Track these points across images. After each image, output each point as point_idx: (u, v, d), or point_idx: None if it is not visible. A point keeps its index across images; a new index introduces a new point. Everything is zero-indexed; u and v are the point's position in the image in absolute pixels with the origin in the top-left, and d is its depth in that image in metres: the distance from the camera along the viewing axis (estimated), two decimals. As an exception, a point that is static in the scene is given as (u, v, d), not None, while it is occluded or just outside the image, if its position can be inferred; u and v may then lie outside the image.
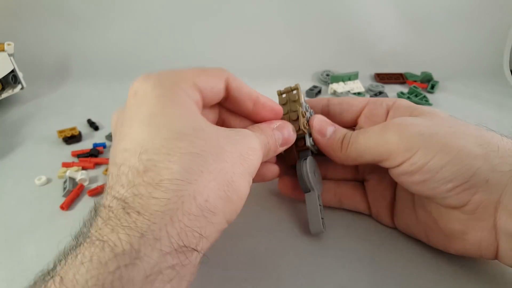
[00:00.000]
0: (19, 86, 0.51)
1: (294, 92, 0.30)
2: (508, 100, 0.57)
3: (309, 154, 0.30)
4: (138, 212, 0.17)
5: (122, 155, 0.19)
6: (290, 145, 0.27)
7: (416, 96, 0.56)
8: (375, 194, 0.31)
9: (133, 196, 0.18)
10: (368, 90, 0.59)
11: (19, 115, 0.50)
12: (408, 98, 0.55)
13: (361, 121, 0.30)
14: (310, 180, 0.28)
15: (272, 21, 0.66)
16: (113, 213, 0.17)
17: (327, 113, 0.31)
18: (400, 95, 0.56)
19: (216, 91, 0.24)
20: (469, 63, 0.68)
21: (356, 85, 0.58)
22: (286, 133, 0.27)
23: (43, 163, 0.39)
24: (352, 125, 0.31)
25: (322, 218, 0.28)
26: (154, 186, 0.18)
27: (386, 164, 0.25)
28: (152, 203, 0.17)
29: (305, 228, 0.31)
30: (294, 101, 0.30)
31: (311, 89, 0.57)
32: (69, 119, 0.48)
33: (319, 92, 0.58)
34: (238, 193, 0.20)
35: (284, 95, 0.31)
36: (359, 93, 0.57)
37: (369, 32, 0.67)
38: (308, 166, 0.29)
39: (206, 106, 0.24)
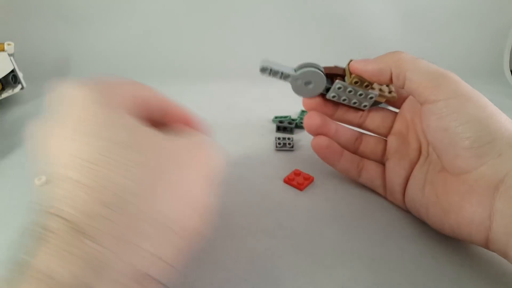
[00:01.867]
0: (19, 86, 0.51)
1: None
2: (508, 100, 0.57)
3: (326, 82, 0.31)
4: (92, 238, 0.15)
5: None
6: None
7: (416, 96, 0.56)
8: (393, 171, 0.32)
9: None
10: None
11: (19, 115, 0.50)
12: (408, 98, 0.55)
13: (404, 106, 0.33)
14: (303, 71, 0.31)
15: (272, 21, 0.66)
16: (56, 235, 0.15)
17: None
18: (400, 95, 0.56)
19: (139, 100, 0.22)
20: (469, 63, 0.68)
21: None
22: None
23: (43, 163, 0.39)
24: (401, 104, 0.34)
25: (271, 70, 0.32)
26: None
27: (425, 93, 0.26)
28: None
29: (305, 228, 0.31)
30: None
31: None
32: (69, 119, 0.48)
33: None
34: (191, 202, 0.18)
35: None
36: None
37: (369, 32, 0.67)
38: (301, 70, 0.31)
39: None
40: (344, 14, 0.66)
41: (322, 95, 0.33)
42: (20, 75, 0.50)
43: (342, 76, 0.31)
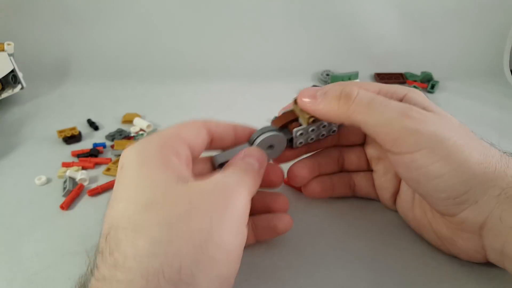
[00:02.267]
0: (19, 86, 0.51)
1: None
2: (508, 100, 0.57)
3: (286, 136, 0.28)
4: None
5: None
6: (266, 162, 0.26)
7: (416, 96, 0.56)
8: (380, 184, 0.31)
9: (96, 281, 0.17)
10: (368, 90, 0.59)
11: (19, 115, 0.50)
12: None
13: None
14: (257, 141, 0.27)
15: (272, 21, 0.66)
16: None
17: None
18: (400, 95, 0.56)
19: (202, 137, 0.25)
20: (469, 63, 0.67)
21: (356, 85, 0.58)
22: (255, 153, 0.25)
23: (43, 163, 0.39)
24: None
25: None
26: (117, 268, 0.17)
27: (386, 145, 0.24)
28: (114, 287, 0.16)
29: (305, 228, 0.31)
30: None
31: (311, 89, 0.57)
32: (69, 119, 0.48)
33: (319, 92, 0.58)
34: (223, 248, 0.18)
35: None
36: (359, 93, 0.57)
37: (369, 32, 0.67)
38: (265, 136, 0.27)
39: (197, 155, 0.25)
40: (344, 14, 0.66)
41: (289, 146, 0.29)
42: (20, 75, 0.50)
43: (296, 119, 0.28)
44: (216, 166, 0.27)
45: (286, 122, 0.28)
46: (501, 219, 0.22)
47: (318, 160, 0.31)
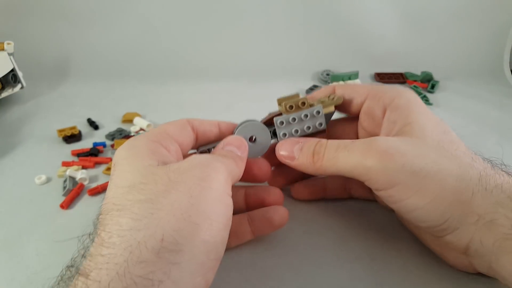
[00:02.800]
0: (19, 86, 0.51)
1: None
2: (508, 100, 0.57)
3: (265, 126, 0.29)
4: (86, 275, 0.17)
5: None
6: (246, 148, 0.26)
7: (416, 96, 0.56)
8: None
9: (83, 259, 0.18)
10: (368, 90, 0.59)
11: (19, 115, 0.50)
12: (408, 98, 0.55)
13: (361, 117, 0.30)
14: (236, 132, 0.28)
15: (272, 21, 0.66)
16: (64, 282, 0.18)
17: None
18: (400, 95, 0.56)
19: (188, 133, 0.26)
20: (469, 63, 0.67)
21: (356, 85, 0.58)
22: (233, 141, 0.26)
23: (43, 162, 0.39)
24: (358, 112, 0.30)
25: (208, 150, 0.28)
26: (103, 245, 0.18)
27: (366, 183, 0.25)
28: (99, 262, 0.17)
29: (305, 228, 0.30)
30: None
31: (311, 89, 0.57)
32: (69, 118, 0.48)
33: (319, 91, 0.58)
34: (206, 216, 0.19)
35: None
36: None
37: (369, 32, 0.67)
38: (247, 125, 0.28)
39: (185, 152, 0.26)
40: (344, 14, 0.66)
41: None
42: (20, 74, 0.50)
43: (279, 115, 0.29)
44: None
45: (270, 118, 0.29)
46: (482, 244, 0.22)
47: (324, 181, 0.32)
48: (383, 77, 0.63)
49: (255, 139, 0.28)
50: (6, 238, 0.30)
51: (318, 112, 0.28)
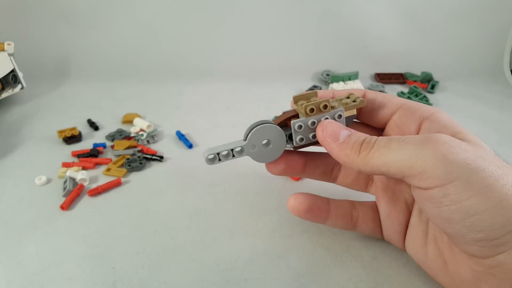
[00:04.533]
0: (19, 86, 0.51)
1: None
2: (508, 100, 0.57)
3: (284, 131, 0.25)
4: None
5: None
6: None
7: (416, 96, 0.56)
8: (387, 215, 0.27)
9: None
10: (368, 90, 0.59)
11: (19, 115, 0.50)
12: (409, 98, 0.55)
13: (389, 128, 0.27)
14: (249, 135, 0.25)
15: (272, 21, 0.66)
16: None
17: (359, 108, 0.27)
18: (401, 95, 0.56)
19: None
20: (469, 63, 0.68)
21: (356, 85, 0.58)
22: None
23: (43, 163, 0.39)
24: (382, 127, 0.28)
25: (218, 154, 0.25)
26: None
27: (413, 182, 0.21)
28: None
29: (305, 228, 0.30)
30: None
31: (311, 89, 0.57)
32: (69, 119, 0.48)
33: (319, 92, 0.58)
34: None
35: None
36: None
37: (369, 32, 0.67)
38: (259, 127, 0.25)
39: None
40: (344, 14, 0.66)
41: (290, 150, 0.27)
42: (20, 75, 0.50)
43: (296, 115, 0.26)
44: (206, 161, 0.25)
45: (286, 118, 0.26)
46: None
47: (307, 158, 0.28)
48: (383, 77, 0.63)
49: (268, 143, 0.26)
50: (6, 238, 0.30)
51: (340, 116, 0.26)
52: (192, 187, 0.36)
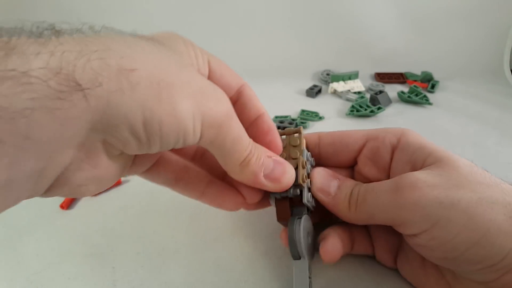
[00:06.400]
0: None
1: (296, 135, 0.26)
2: (508, 100, 0.57)
3: (304, 212, 0.24)
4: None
5: None
6: (277, 187, 0.22)
7: (416, 95, 0.56)
8: (378, 234, 0.26)
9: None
10: (369, 90, 0.59)
11: (19, 115, 0.50)
12: (409, 97, 0.55)
13: (361, 161, 0.26)
14: (302, 247, 0.23)
15: (272, 21, 0.66)
16: None
17: (318, 154, 0.27)
18: (401, 94, 0.56)
19: (228, 85, 0.22)
20: (469, 63, 0.67)
21: (356, 85, 0.58)
22: (278, 171, 0.21)
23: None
24: (350, 165, 0.27)
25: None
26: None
27: (401, 230, 0.21)
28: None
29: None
30: (295, 146, 0.25)
31: (311, 88, 0.57)
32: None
33: (319, 91, 0.58)
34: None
35: (283, 137, 0.26)
36: (359, 92, 0.57)
37: (369, 31, 0.67)
38: (302, 228, 0.23)
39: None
40: (344, 14, 0.66)
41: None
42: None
43: (300, 201, 0.24)
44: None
45: (288, 208, 0.24)
46: None
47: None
48: (383, 77, 0.63)
49: (307, 234, 0.24)
50: (6, 238, 0.30)
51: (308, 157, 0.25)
52: (192, 187, 0.36)
